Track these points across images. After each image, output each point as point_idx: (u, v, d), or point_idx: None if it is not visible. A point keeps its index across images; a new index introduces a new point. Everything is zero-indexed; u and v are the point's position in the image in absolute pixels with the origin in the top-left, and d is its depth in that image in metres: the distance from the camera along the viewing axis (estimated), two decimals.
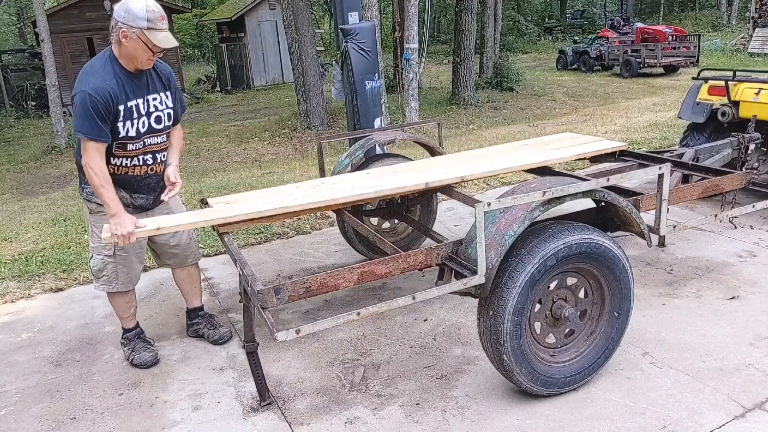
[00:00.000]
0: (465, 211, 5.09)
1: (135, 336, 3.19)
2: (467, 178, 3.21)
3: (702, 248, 4.13)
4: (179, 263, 3.24)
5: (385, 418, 2.59)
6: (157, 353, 3.17)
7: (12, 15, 32.00)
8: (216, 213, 2.80)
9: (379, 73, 6.40)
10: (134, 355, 3.12)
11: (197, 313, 3.38)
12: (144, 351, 3.13)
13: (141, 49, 2.65)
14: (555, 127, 9.98)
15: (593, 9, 38.24)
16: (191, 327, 3.38)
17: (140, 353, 3.12)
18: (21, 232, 5.33)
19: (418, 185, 3.08)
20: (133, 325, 3.20)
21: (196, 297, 3.37)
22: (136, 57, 2.68)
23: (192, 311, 3.38)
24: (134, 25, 2.60)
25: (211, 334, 3.30)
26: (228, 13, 23.82)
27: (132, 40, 2.62)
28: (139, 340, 3.18)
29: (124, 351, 3.19)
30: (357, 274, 2.37)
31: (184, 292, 3.36)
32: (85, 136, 2.63)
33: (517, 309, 2.37)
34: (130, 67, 2.73)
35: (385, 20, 25.98)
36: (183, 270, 3.28)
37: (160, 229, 2.71)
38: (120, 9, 2.63)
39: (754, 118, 4.32)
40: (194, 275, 3.33)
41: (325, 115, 12.68)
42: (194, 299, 3.37)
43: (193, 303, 3.37)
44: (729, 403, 2.53)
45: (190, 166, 10.77)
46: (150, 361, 3.10)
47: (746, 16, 26.10)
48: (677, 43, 19.91)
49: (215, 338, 3.28)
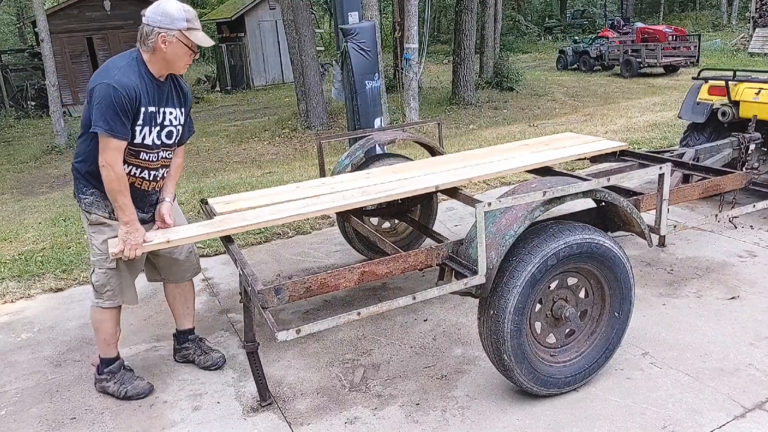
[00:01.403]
0: (465, 211, 5.09)
1: (119, 367, 2.90)
2: (476, 179, 3.21)
3: (702, 248, 4.13)
4: (178, 279, 3.01)
5: (385, 418, 2.59)
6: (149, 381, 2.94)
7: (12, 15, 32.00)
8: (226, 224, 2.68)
9: (379, 73, 6.40)
10: (126, 388, 2.85)
11: (187, 336, 3.12)
12: (136, 380, 2.89)
13: (182, 51, 2.53)
14: (555, 127, 9.98)
15: (593, 9, 38.21)
16: (179, 352, 3.13)
17: (133, 383, 2.87)
18: (21, 232, 5.33)
19: (428, 188, 3.05)
20: (115, 354, 2.91)
21: (188, 318, 3.11)
22: (175, 61, 2.56)
23: (181, 334, 3.12)
24: (174, 27, 2.48)
25: (202, 360, 3.05)
26: (228, 13, 23.82)
27: (172, 44, 2.50)
28: (125, 370, 2.92)
29: (110, 386, 2.87)
30: (357, 274, 2.37)
31: (176, 312, 3.09)
32: (107, 132, 2.43)
33: (518, 309, 2.37)
34: (160, 73, 2.60)
35: (385, 20, 25.98)
36: (177, 287, 3.03)
37: (170, 242, 2.59)
38: (154, 14, 2.49)
39: (755, 118, 4.32)
40: (188, 294, 3.08)
41: (325, 115, 12.68)
42: (185, 320, 3.11)
43: (184, 324, 3.11)
44: (729, 403, 2.53)
45: (190, 166, 10.77)
46: (147, 389, 2.87)
47: (746, 16, 26.09)
48: (677, 43, 19.91)
49: (207, 364, 3.04)
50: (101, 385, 2.91)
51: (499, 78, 16.95)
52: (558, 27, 37.34)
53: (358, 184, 3.17)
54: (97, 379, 2.93)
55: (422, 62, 11.95)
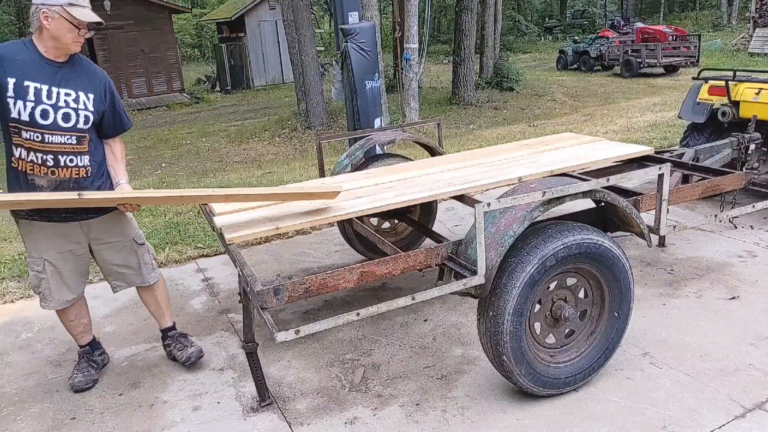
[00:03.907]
0: (465, 211, 5.09)
1: (84, 354, 3.04)
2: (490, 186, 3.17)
3: (702, 248, 4.13)
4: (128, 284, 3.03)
5: (385, 419, 2.59)
6: (93, 380, 2.99)
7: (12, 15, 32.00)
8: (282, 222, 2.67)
9: (379, 73, 6.40)
10: (72, 375, 2.98)
11: (167, 333, 3.19)
12: (80, 373, 2.97)
13: (65, 27, 2.54)
14: (555, 127, 9.98)
15: (593, 9, 38.22)
16: (165, 349, 3.22)
17: (75, 374, 2.97)
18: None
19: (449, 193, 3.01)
20: (85, 342, 3.04)
21: (163, 317, 3.17)
22: (61, 38, 2.56)
23: (163, 332, 3.20)
24: (55, 2, 2.52)
25: (179, 355, 3.10)
26: (228, 13, 23.83)
27: (54, 20, 2.53)
28: (83, 360, 3.03)
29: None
30: (357, 274, 2.37)
31: (152, 312, 3.19)
32: None
33: (517, 309, 2.37)
34: (53, 53, 2.60)
35: (385, 20, 25.97)
36: (145, 290, 3.09)
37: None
38: None
39: (754, 118, 4.32)
40: (159, 296, 3.13)
41: (325, 115, 12.68)
42: (162, 320, 3.18)
43: (162, 323, 3.19)
44: (729, 404, 2.53)
45: (190, 166, 10.77)
46: (78, 385, 2.93)
47: (746, 16, 26.10)
48: (677, 43, 19.91)
49: (183, 359, 3.08)
50: None
51: (499, 78, 16.94)
52: (558, 27, 37.36)
53: (358, 184, 3.17)
54: None
55: (422, 62, 11.96)
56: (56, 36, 2.57)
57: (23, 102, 2.54)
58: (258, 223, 2.64)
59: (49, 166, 2.62)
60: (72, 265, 2.85)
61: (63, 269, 2.82)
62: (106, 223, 2.85)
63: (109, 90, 2.79)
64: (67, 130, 2.64)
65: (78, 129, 2.66)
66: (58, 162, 2.63)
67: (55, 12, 2.53)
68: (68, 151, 2.65)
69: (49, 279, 2.80)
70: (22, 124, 2.56)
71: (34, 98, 2.56)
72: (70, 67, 2.66)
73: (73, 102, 2.64)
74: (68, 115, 2.63)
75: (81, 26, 2.59)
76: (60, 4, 2.53)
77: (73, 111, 2.64)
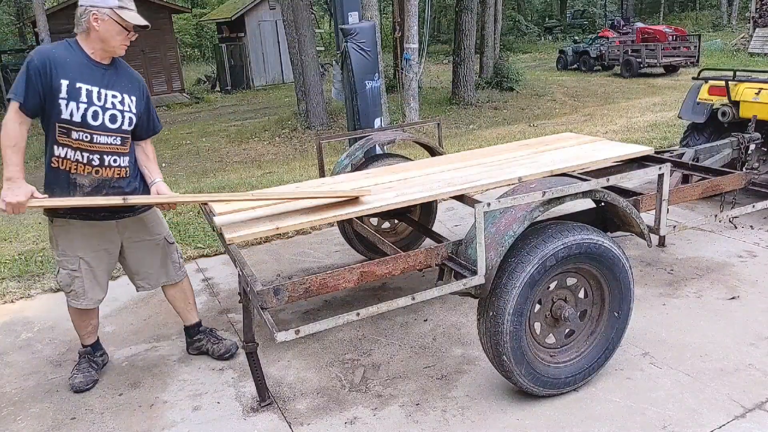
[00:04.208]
0: (465, 211, 5.09)
1: (85, 354, 3.05)
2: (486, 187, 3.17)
3: (702, 248, 4.13)
4: (153, 285, 3.06)
5: (385, 419, 2.59)
6: (94, 380, 2.99)
7: (12, 15, 31.98)
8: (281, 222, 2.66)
9: (379, 73, 6.40)
10: (72, 375, 2.99)
11: (197, 329, 3.21)
12: (80, 374, 2.97)
13: (114, 30, 2.57)
14: (555, 127, 9.98)
15: (593, 9, 38.22)
16: (192, 344, 3.22)
17: (75, 375, 2.98)
18: (21, 232, 5.33)
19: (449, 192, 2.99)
20: (90, 342, 3.07)
21: (192, 313, 3.20)
22: (109, 41, 2.59)
23: (191, 328, 3.21)
24: (105, 5, 2.54)
25: (215, 349, 3.15)
26: (228, 13, 23.83)
27: (104, 22, 2.55)
28: (85, 361, 3.04)
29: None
30: (357, 274, 2.37)
31: (178, 310, 3.19)
32: (11, 97, 2.50)
33: (517, 309, 2.37)
34: (100, 55, 2.63)
35: (385, 20, 25.98)
36: (173, 287, 3.11)
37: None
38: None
39: (755, 118, 4.32)
40: (185, 291, 3.15)
41: (325, 115, 12.68)
42: (190, 315, 3.19)
43: (189, 319, 3.20)
44: (729, 404, 2.53)
45: (190, 165, 10.77)
46: (78, 386, 2.93)
47: (746, 16, 26.10)
48: (677, 43, 19.92)
49: (221, 352, 3.13)
50: None
51: (499, 78, 16.95)
52: (558, 27, 37.36)
53: (358, 185, 3.17)
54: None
55: (422, 62, 11.96)
56: (105, 38, 2.59)
57: (76, 103, 2.58)
58: (258, 223, 2.64)
59: (94, 166, 2.68)
60: (105, 265, 2.89)
61: (97, 268, 2.86)
62: (140, 221, 2.91)
63: (146, 93, 2.85)
64: (114, 132, 2.70)
65: (123, 130, 2.74)
66: (103, 162, 2.69)
67: (105, 14, 2.55)
68: (113, 151, 2.72)
69: (83, 278, 2.84)
70: (73, 125, 2.60)
71: (87, 99, 2.60)
72: (114, 70, 2.71)
73: (119, 104, 2.70)
74: (115, 117, 2.69)
75: (129, 29, 2.62)
76: (110, 6, 2.55)
77: (119, 113, 2.70)
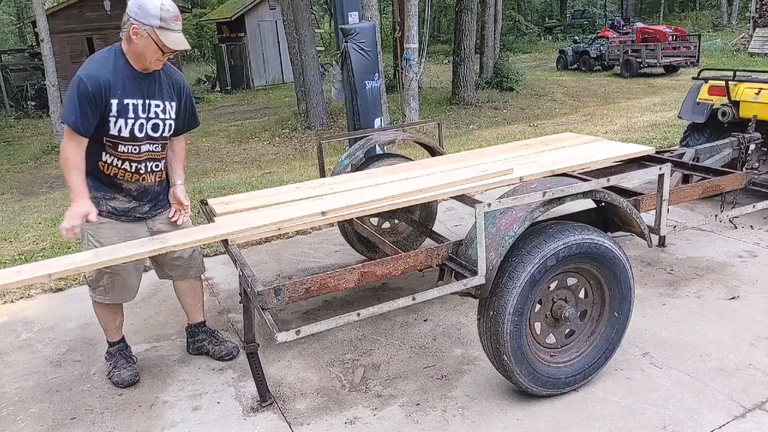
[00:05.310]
0: (465, 211, 5.09)
1: (117, 351, 3.05)
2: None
3: (702, 248, 4.13)
4: (181, 275, 3.07)
5: (385, 419, 2.59)
6: (137, 372, 3.02)
7: (12, 15, 31.99)
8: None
9: (379, 73, 6.40)
10: (114, 372, 2.99)
11: (200, 329, 3.21)
12: (123, 369, 2.99)
13: (151, 48, 2.55)
14: (555, 127, 9.98)
15: (593, 9, 38.19)
16: (194, 344, 3.21)
17: (120, 371, 2.98)
18: (21, 232, 5.33)
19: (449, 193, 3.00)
20: (118, 338, 3.07)
21: (199, 311, 3.20)
22: (144, 56, 2.58)
23: (194, 327, 3.21)
24: (146, 22, 2.50)
25: (216, 350, 3.15)
26: (228, 13, 23.82)
27: (142, 38, 2.52)
28: (120, 357, 3.04)
29: (107, 366, 3.06)
30: (357, 274, 2.37)
31: (186, 306, 3.19)
32: (66, 123, 2.52)
33: (518, 309, 2.37)
34: (138, 65, 2.63)
35: (385, 20, 25.97)
36: (185, 282, 3.11)
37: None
38: (133, 4, 2.52)
39: (755, 118, 4.32)
40: (197, 288, 3.16)
41: (325, 115, 12.68)
42: (196, 314, 3.20)
43: (195, 318, 3.20)
44: (729, 404, 2.53)
45: (190, 166, 10.76)
46: (128, 381, 2.96)
47: (746, 16, 26.11)
48: (677, 43, 19.91)
49: (222, 354, 3.13)
50: (106, 363, 3.07)
51: (499, 78, 16.94)
52: (558, 27, 37.33)
53: (358, 185, 3.16)
54: (105, 357, 3.09)
55: (422, 62, 11.95)
56: (140, 53, 2.59)
57: (124, 120, 2.62)
58: (258, 223, 2.64)
59: (141, 174, 2.75)
60: (135, 263, 2.89)
61: (128, 266, 2.87)
62: (167, 217, 2.94)
63: (186, 93, 2.86)
64: (155, 140, 2.74)
65: (163, 137, 2.78)
66: (147, 168, 2.77)
67: (145, 31, 2.53)
68: (154, 158, 2.79)
69: (114, 275, 2.85)
70: (121, 139, 2.64)
71: (133, 114, 2.64)
72: (156, 77, 2.71)
73: (161, 113, 2.73)
74: (157, 126, 2.73)
75: (166, 50, 2.59)
76: (152, 24, 2.52)
77: (161, 122, 2.73)
